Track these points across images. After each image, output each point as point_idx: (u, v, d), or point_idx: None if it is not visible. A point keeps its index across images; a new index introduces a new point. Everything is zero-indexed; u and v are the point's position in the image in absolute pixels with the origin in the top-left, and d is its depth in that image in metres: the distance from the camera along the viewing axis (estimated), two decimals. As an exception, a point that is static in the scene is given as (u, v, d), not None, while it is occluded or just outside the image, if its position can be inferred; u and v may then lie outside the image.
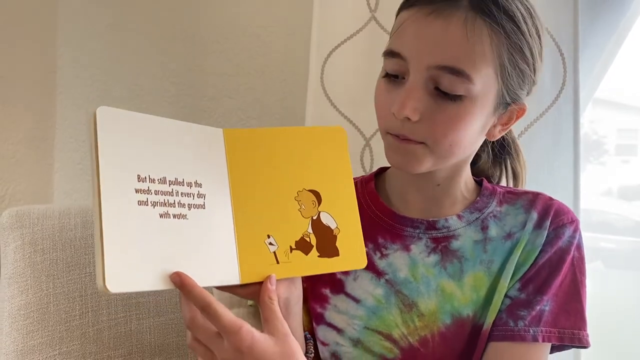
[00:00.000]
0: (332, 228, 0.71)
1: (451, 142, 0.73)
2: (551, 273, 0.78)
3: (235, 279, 0.65)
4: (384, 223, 0.83)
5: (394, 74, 0.74)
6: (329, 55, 1.18)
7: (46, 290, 0.94)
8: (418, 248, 0.81)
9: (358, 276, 0.82)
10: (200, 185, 0.65)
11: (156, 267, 0.59)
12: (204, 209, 0.65)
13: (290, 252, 0.68)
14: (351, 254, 0.71)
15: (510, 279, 0.78)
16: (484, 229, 0.82)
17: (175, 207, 0.62)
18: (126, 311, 0.98)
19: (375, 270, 0.81)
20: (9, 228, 0.96)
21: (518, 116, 0.78)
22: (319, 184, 0.71)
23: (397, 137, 0.74)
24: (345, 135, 0.75)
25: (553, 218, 0.80)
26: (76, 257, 0.97)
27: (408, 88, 0.72)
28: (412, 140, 0.73)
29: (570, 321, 0.77)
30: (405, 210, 0.84)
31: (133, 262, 0.58)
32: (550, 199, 0.83)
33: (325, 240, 0.70)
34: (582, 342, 0.77)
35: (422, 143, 0.74)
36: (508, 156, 0.91)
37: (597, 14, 1.09)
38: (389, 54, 0.74)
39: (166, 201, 0.62)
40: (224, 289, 0.68)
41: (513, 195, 0.84)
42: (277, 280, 0.67)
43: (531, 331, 0.76)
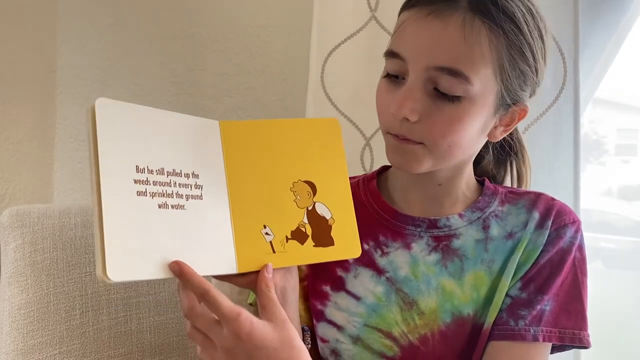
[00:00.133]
0: (327, 218, 0.72)
1: (450, 143, 0.73)
2: (552, 273, 0.78)
3: (232, 268, 0.66)
4: (386, 221, 0.83)
5: (395, 74, 0.75)
6: (329, 55, 1.18)
7: (46, 290, 0.94)
8: (419, 246, 0.81)
9: (359, 274, 0.82)
10: (197, 176, 0.66)
11: (155, 256, 0.60)
12: (201, 199, 0.65)
13: (286, 242, 0.69)
14: (346, 243, 0.72)
15: (512, 279, 0.79)
16: (486, 228, 0.82)
17: (173, 198, 0.63)
18: (126, 310, 0.98)
19: (376, 268, 0.81)
20: (9, 227, 0.96)
21: (520, 117, 0.78)
22: (313, 175, 0.72)
23: (397, 137, 0.75)
24: (339, 127, 0.76)
25: (555, 218, 0.80)
26: (76, 257, 0.97)
27: (407, 88, 0.72)
28: (411, 141, 0.74)
29: (571, 321, 0.77)
30: (407, 209, 0.84)
31: (133, 251, 0.58)
32: (552, 199, 0.83)
33: (320, 230, 0.71)
34: (583, 343, 0.77)
35: (421, 143, 0.74)
36: (513, 157, 0.91)
37: (597, 14, 1.09)
38: (389, 54, 0.75)
39: (164, 192, 0.62)
40: (221, 279, 0.69)
41: (515, 195, 0.85)
42: (274, 269, 0.68)
43: (532, 331, 0.76)
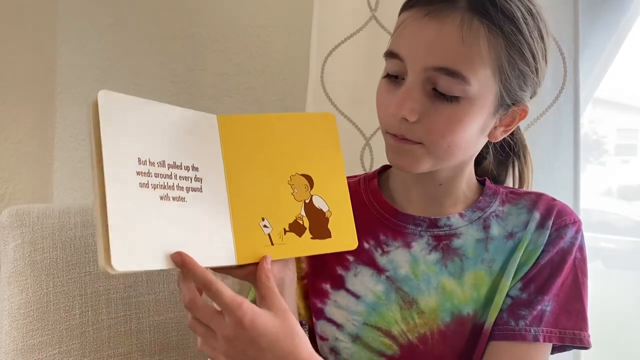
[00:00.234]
0: (324, 211, 0.73)
1: (449, 143, 0.73)
2: (553, 273, 0.78)
3: (231, 260, 0.67)
4: (386, 220, 0.83)
5: (394, 75, 0.75)
6: (329, 55, 1.18)
7: (46, 289, 0.94)
8: (419, 245, 0.81)
9: (359, 272, 0.82)
10: (197, 169, 0.66)
11: (158, 247, 0.61)
12: (201, 192, 0.66)
13: (284, 234, 0.70)
14: (343, 235, 0.73)
15: (512, 279, 0.79)
16: (486, 228, 0.82)
17: (174, 190, 0.63)
18: (126, 310, 0.98)
19: (376, 267, 0.81)
20: (8, 227, 0.97)
21: (521, 118, 0.78)
22: (310, 169, 0.73)
23: (396, 137, 0.75)
24: (335, 121, 0.77)
25: (555, 218, 0.80)
26: (76, 256, 0.97)
27: (406, 89, 0.72)
28: (410, 141, 0.74)
29: (571, 322, 0.77)
30: (408, 208, 0.84)
31: (136, 242, 0.59)
32: (553, 200, 0.83)
33: (317, 223, 0.72)
34: (584, 343, 0.77)
35: (420, 143, 0.74)
36: (516, 159, 0.91)
37: (597, 14, 1.09)
38: (389, 54, 0.75)
39: (166, 184, 0.63)
40: (220, 271, 0.70)
41: (516, 196, 0.85)
42: (272, 261, 0.69)
43: (532, 331, 0.76)
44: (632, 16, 1.13)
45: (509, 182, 0.93)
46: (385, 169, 0.91)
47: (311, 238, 0.72)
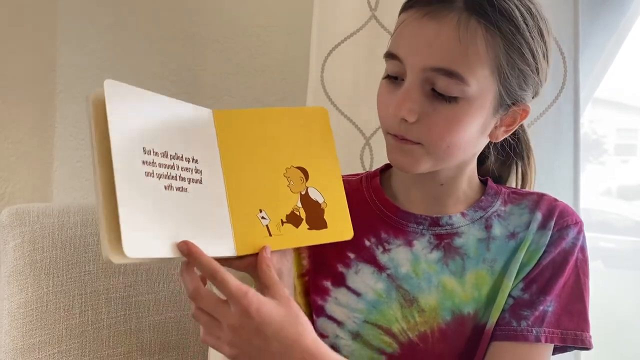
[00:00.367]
0: (320, 202, 0.74)
1: (448, 144, 0.73)
2: (554, 274, 0.78)
3: (231, 251, 0.67)
4: (388, 218, 0.83)
5: (394, 76, 0.75)
6: (329, 54, 1.18)
7: (46, 289, 0.94)
8: (421, 244, 0.81)
9: (360, 270, 0.82)
10: (196, 161, 0.67)
11: (165, 236, 0.61)
12: (201, 184, 0.67)
13: (282, 225, 0.71)
14: (338, 226, 0.74)
15: (514, 279, 0.79)
16: (488, 227, 0.82)
17: (177, 181, 0.64)
18: (126, 309, 0.98)
19: (377, 265, 0.81)
20: (8, 226, 0.97)
21: (522, 118, 0.78)
22: (305, 161, 0.74)
23: (396, 137, 0.75)
24: (327, 115, 0.77)
25: (557, 219, 0.80)
26: (76, 255, 0.97)
27: (405, 89, 0.73)
28: (409, 141, 0.74)
29: (573, 322, 0.77)
30: (410, 206, 0.84)
31: (145, 229, 0.59)
32: (555, 200, 0.83)
33: (314, 214, 0.73)
34: (585, 344, 0.77)
35: (419, 144, 0.74)
36: (519, 159, 0.91)
37: (597, 14, 1.09)
38: (388, 55, 0.75)
39: (169, 174, 0.63)
40: (220, 262, 0.70)
41: (518, 196, 0.85)
42: (271, 252, 0.69)
43: (534, 331, 0.76)
44: (632, 16, 1.13)
45: (512, 182, 0.93)
46: (387, 167, 0.91)
47: (308, 229, 0.72)
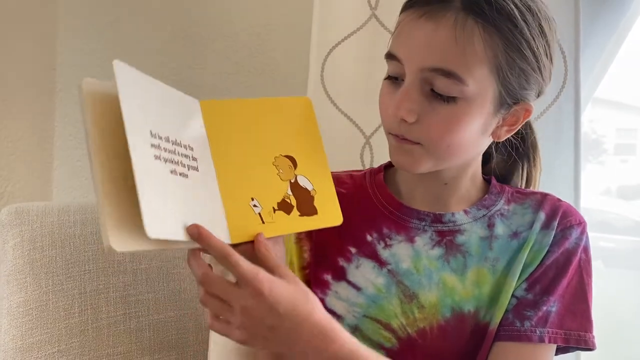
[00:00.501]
0: (309, 189, 0.75)
1: (448, 144, 0.73)
2: (558, 274, 0.78)
3: (226, 239, 0.68)
4: (390, 214, 0.83)
5: (395, 76, 0.76)
6: (329, 53, 1.18)
7: (45, 288, 0.94)
8: (423, 240, 0.81)
9: (360, 264, 0.82)
10: (192, 148, 0.67)
11: (177, 219, 0.61)
12: (197, 171, 0.67)
13: (274, 213, 0.72)
14: (328, 212, 0.75)
15: (518, 279, 0.79)
16: (490, 226, 0.82)
17: (179, 166, 0.64)
18: (125, 309, 0.98)
19: (378, 260, 0.82)
20: (8, 225, 0.96)
21: (525, 117, 0.78)
22: (292, 150, 0.75)
23: (397, 137, 0.75)
24: (311, 104, 0.78)
25: (561, 219, 0.80)
26: (75, 255, 0.97)
27: (404, 90, 0.73)
28: (410, 141, 0.74)
29: (576, 323, 0.77)
30: (413, 203, 0.84)
31: (163, 211, 0.59)
32: (559, 200, 0.83)
33: (304, 201, 0.74)
34: (588, 345, 0.78)
35: (419, 144, 0.74)
36: (525, 160, 0.91)
37: (597, 14, 1.09)
38: (388, 56, 0.76)
39: (172, 159, 0.63)
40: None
41: (521, 195, 0.85)
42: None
43: (537, 332, 0.76)
44: (632, 16, 1.13)
45: (517, 182, 0.92)
46: (392, 164, 0.92)
47: (299, 215, 0.73)
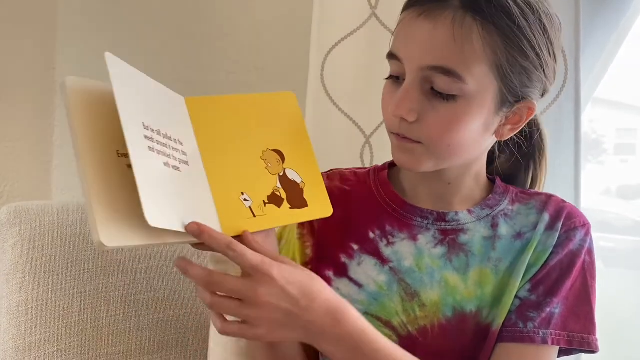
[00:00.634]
0: (298, 182, 0.75)
1: (449, 143, 0.73)
2: (562, 276, 0.78)
3: None
4: (394, 211, 0.83)
5: (396, 76, 0.75)
6: (329, 52, 1.18)
7: (45, 287, 0.94)
8: (425, 238, 0.81)
9: (362, 261, 0.82)
10: (182, 143, 0.67)
11: (174, 211, 0.60)
12: (188, 165, 0.67)
13: (265, 206, 0.72)
14: (317, 203, 0.76)
15: (521, 280, 0.78)
16: (494, 226, 0.82)
17: (171, 159, 0.63)
18: (125, 308, 0.98)
19: (380, 257, 0.81)
20: (7, 224, 0.96)
21: (528, 115, 0.77)
22: (280, 144, 0.76)
23: (398, 136, 0.75)
24: (296, 98, 0.79)
25: (565, 220, 0.80)
26: (75, 254, 0.97)
27: (404, 89, 0.73)
28: (410, 140, 0.74)
29: (579, 325, 0.77)
30: (416, 202, 0.84)
31: (161, 201, 0.59)
32: (563, 202, 0.83)
33: (293, 194, 0.75)
34: (592, 347, 0.77)
35: (420, 143, 0.74)
36: (531, 161, 0.90)
37: (598, 12, 1.09)
38: (389, 56, 0.76)
39: (164, 152, 0.63)
40: (205, 248, 0.69)
41: (526, 196, 0.84)
42: (255, 232, 0.70)
43: (540, 333, 0.76)
44: (633, 15, 1.13)
45: (522, 182, 0.91)
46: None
47: (290, 208, 0.74)
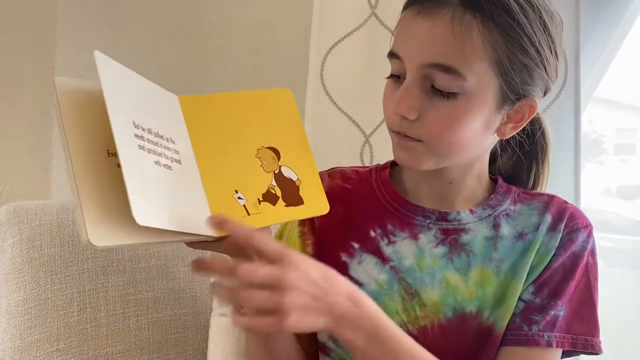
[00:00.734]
0: (294, 180, 0.75)
1: (450, 141, 0.73)
2: (565, 278, 0.78)
3: (212, 232, 0.67)
4: (395, 210, 0.83)
5: (397, 75, 0.75)
6: (328, 52, 1.18)
7: (44, 287, 0.94)
8: (427, 238, 0.81)
9: (363, 260, 0.82)
10: (174, 142, 0.67)
11: (164, 209, 0.60)
12: (180, 164, 0.67)
13: (259, 204, 0.72)
14: (314, 201, 0.76)
15: (524, 282, 0.78)
16: (496, 226, 0.81)
17: (162, 157, 0.63)
18: (124, 307, 0.97)
19: (380, 256, 0.81)
20: (6, 223, 0.96)
21: (530, 113, 0.76)
22: (275, 141, 0.75)
23: (399, 134, 0.75)
24: (292, 95, 0.78)
25: (567, 222, 0.80)
26: (74, 253, 0.97)
27: (404, 87, 0.73)
28: (411, 138, 0.74)
29: (583, 327, 0.77)
30: (418, 201, 0.84)
31: (149, 200, 0.58)
32: (565, 202, 0.83)
33: (289, 191, 0.74)
34: (595, 349, 0.77)
35: (421, 141, 0.74)
36: (534, 161, 0.90)
37: (600, 7, 1.09)
38: (389, 55, 0.76)
39: (155, 150, 0.63)
40: (199, 246, 0.69)
41: (528, 196, 0.84)
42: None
43: (545, 336, 0.76)
44: (635, 11, 1.13)
45: (525, 182, 0.91)
46: None
47: (285, 206, 0.73)
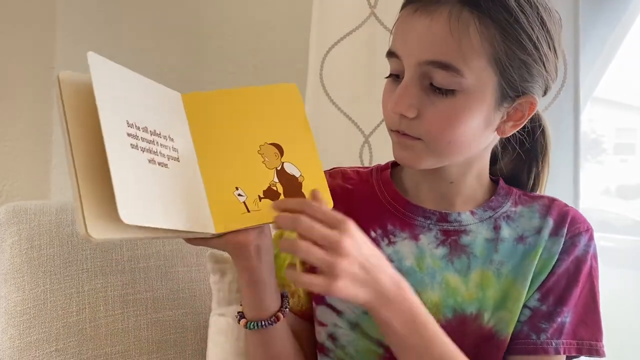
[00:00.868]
0: (297, 176, 0.75)
1: (449, 139, 0.73)
2: (569, 283, 0.78)
3: (210, 229, 0.68)
4: (396, 210, 0.83)
5: (396, 73, 0.75)
6: (328, 52, 1.18)
7: (43, 287, 0.94)
8: (427, 239, 0.81)
9: None
10: (172, 139, 0.67)
11: (155, 207, 0.60)
12: (179, 162, 0.67)
13: (260, 201, 0.72)
14: None
15: (529, 289, 0.78)
16: (497, 228, 0.81)
17: (158, 156, 0.64)
18: (123, 307, 0.97)
19: None
20: (5, 223, 0.96)
21: (530, 111, 0.76)
22: (279, 137, 0.75)
23: (398, 133, 0.75)
24: (298, 90, 0.78)
25: (569, 226, 0.80)
26: (73, 253, 0.97)
27: (403, 85, 0.73)
28: (410, 136, 0.74)
29: (588, 332, 0.78)
30: (419, 201, 0.83)
31: (138, 198, 0.59)
32: (566, 206, 0.83)
33: (291, 188, 0.74)
34: (599, 353, 0.78)
35: (420, 139, 0.74)
36: (534, 160, 0.89)
37: (600, 5, 1.09)
38: (388, 54, 0.76)
39: (150, 149, 0.63)
40: (197, 243, 0.70)
41: (528, 198, 0.84)
42: (249, 228, 0.70)
43: (553, 344, 0.76)
44: (634, 10, 1.13)
45: (525, 183, 0.91)
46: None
47: None
